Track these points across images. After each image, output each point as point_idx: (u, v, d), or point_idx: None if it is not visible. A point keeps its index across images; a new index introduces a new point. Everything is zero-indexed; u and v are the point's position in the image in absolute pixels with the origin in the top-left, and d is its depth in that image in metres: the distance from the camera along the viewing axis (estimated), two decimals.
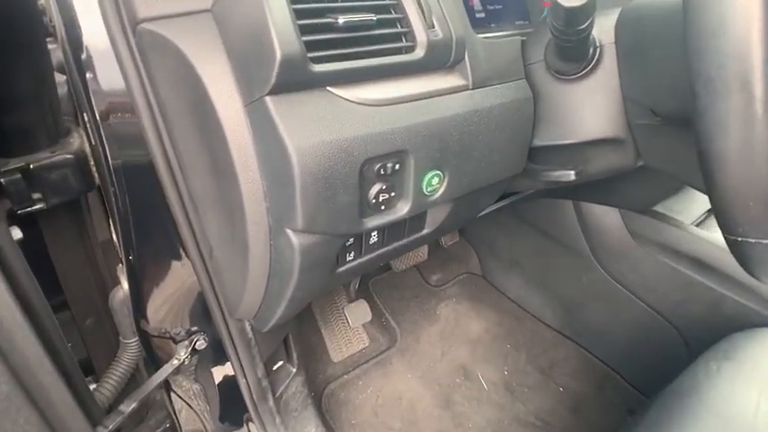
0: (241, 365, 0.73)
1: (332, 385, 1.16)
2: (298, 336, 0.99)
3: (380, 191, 0.50)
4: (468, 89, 0.57)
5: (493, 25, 0.76)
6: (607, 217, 1.10)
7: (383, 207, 0.52)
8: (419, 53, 0.52)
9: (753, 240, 0.48)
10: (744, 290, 0.92)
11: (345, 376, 1.18)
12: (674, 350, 1.05)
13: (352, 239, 0.56)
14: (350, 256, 0.57)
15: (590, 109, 0.62)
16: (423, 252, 1.43)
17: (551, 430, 1.11)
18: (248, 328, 0.70)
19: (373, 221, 0.51)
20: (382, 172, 0.49)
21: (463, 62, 0.56)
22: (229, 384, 0.78)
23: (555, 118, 0.64)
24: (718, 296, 0.95)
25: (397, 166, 0.50)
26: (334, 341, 1.21)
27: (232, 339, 0.69)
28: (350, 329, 1.26)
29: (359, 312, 1.19)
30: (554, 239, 1.26)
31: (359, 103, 0.48)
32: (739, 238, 0.48)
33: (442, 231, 0.73)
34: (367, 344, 1.25)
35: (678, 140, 0.54)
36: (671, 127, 0.56)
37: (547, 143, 0.66)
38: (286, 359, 0.91)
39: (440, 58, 0.54)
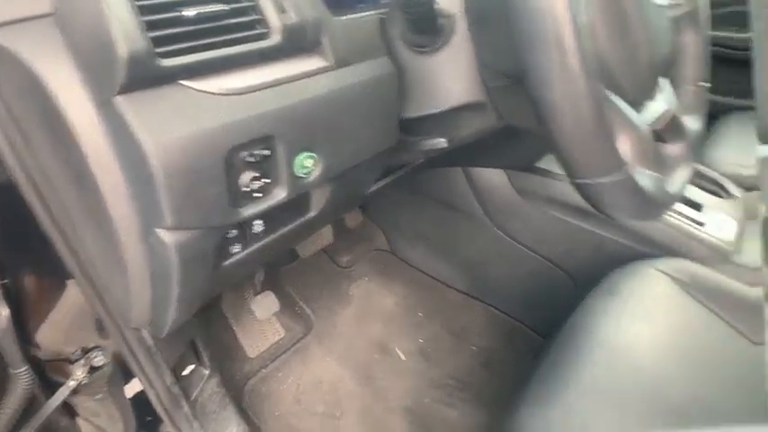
0: (146, 375, 0.71)
1: (252, 381, 1.15)
2: (208, 337, 0.97)
3: (253, 179, 0.50)
4: (330, 70, 0.58)
5: (361, 6, 0.77)
6: (494, 179, 1.16)
7: (259, 194, 0.52)
8: (275, 38, 0.53)
9: (591, 181, 0.54)
10: (619, 229, 1.00)
11: (264, 370, 1.18)
12: (567, 294, 1.09)
13: (235, 231, 0.56)
14: (235, 249, 0.57)
15: (450, 77, 0.66)
16: (328, 235, 1.44)
17: (465, 387, 1.19)
18: (147, 336, 0.68)
19: (249, 210, 0.52)
20: (251, 159, 0.49)
21: (323, 44, 0.58)
22: (141, 397, 0.76)
23: (420, 90, 0.68)
24: (599, 239, 1.03)
25: (266, 152, 0.51)
26: (248, 337, 1.20)
27: (132, 350, 0.67)
28: (264, 323, 1.25)
29: (265, 304, 1.19)
30: (451, 207, 1.31)
31: (216, 94, 0.47)
32: (581, 181, 0.54)
33: (332, 212, 0.75)
34: (282, 335, 1.25)
35: (526, 97, 0.58)
36: (519, 86, 0.61)
37: (416, 114, 0.70)
38: (197, 362, 0.89)
39: (297, 42, 0.55)
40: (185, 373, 0.84)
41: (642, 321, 0.75)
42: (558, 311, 0.84)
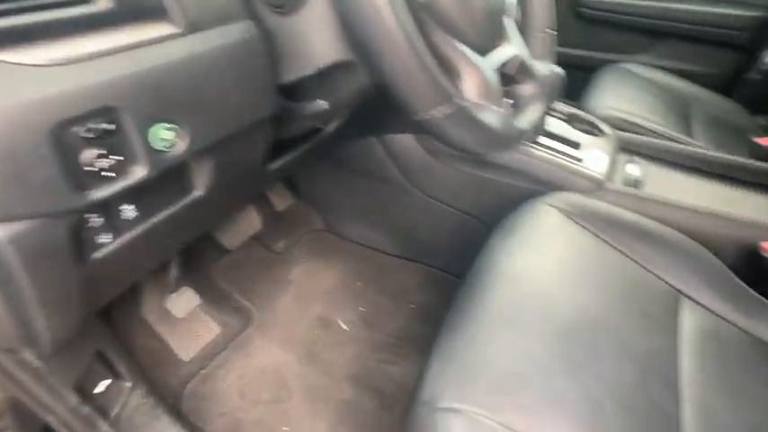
0: (41, 402, 0.65)
1: (191, 384, 1.11)
2: (127, 346, 0.92)
3: (98, 156, 0.46)
4: (179, 36, 0.54)
5: None
6: (407, 143, 1.19)
7: (111, 174, 0.48)
8: (103, 4, 0.48)
9: (425, 115, 0.55)
10: (515, 174, 1.07)
11: (203, 371, 1.13)
12: (482, 238, 1.17)
13: (98, 218, 0.52)
14: (104, 239, 0.53)
15: (315, 37, 0.63)
16: (255, 222, 1.40)
17: (406, 344, 1.20)
18: (30, 358, 0.62)
19: (101, 192, 0.47)
20: (89, 135, 0.45)
21: (167, 9, 0.53)
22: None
23: (289, 53, 0.65)
24: (499, 185, 1.10)
25: (109, 126, 0.47)
26: (178, 340, 1.15)
27: (13, 377, 0.61)
28: (196, 322, 1.20)
29: (183, 301, 1.14)
30: (375, 176, 1.31)
31: (36, 66, 0.43)
32: (417, 117, 0.55)
33: (228, 191, 0.71)
34: (218, 331, 1.21)
35: None
36: None
37: (292, 78, 0.67)
38: (113, 376, 0.84)
39: (133, 7, 0.51)
40: (99, 390, 0.79)
41: (536, 251, 0.80)
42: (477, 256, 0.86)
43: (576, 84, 1.86)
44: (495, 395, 0.60)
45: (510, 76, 0.75)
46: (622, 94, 1.62)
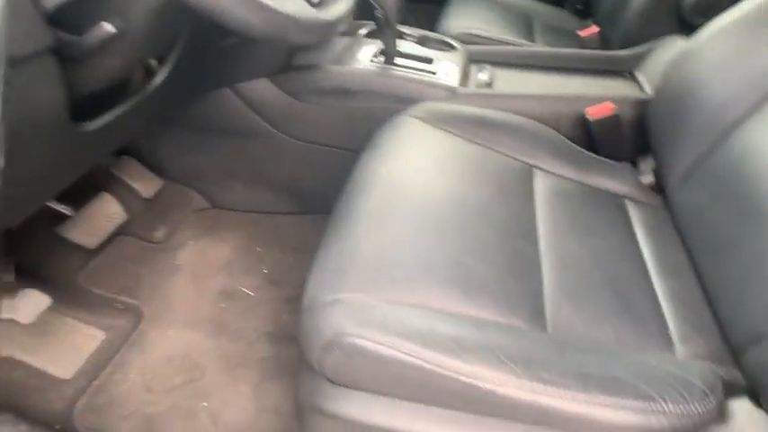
0: None
1: (81, 401, 0.94)
2: None
3: None
4: None
5: None
6: (265, 90, 1.16)
7: None
8: None
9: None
10: (373, 96, 1.11)
11: (95, 382, 0.97)
12: None
13: None
14: None
15: None
16: (114, 214, 1.25)
17: None
18: None
19: None
20: None
21: None
22: None
23: None
24: (365, 110, 1.12)
25: None
26: (49, 359, 0.97)
27: None
28: (73, 335, 1.03)
29: (29, 304, 0.98)
30: (241, 133, 1.24)
31: None
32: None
33: (28, 160, 0.59)
34: (103, 337, 1.04)
35: None
36: None
37: (57, 2, 0.56)
38: None
39: None
40: None
41: (403, 157, 0.85)
42: None
43: (431, 13, 1.94)
44: (369, 278, 0.61)
45: None
46: (472, 15, 1.76)
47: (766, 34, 0.78)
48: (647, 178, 0.94)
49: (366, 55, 1.18)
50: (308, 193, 1.34)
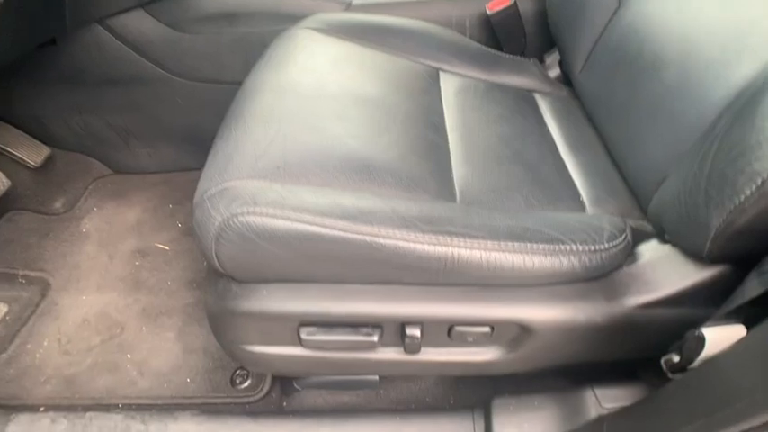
0: None
1: None
2: None
3: None
4: None
5: None
6: (141, 25, 1.07)
7: None
8: None
9: None
10: (264, 18, 1.06)
11: (3, 355, 0.92)
12: None
13: None
14: None
15: None
16: None
17: None
18: None
19: None
20: None
21: None
22: None
23: None
24: (257, 36, 1.05)
25: None
26: None
27: None
28: None
29: None
30: (123, 78, 1.15)
31: None
32: None
33: None
34: (6, 309, 0.99)
35: None
36: None
37: None
38: None
39: None
40: None
41: (299, 65, 0.80)
42: None
43: None
44: (261, 166, 0.58)
45: None
46: None
47: None
48: (554, 71, 0.98)
49: None
50: (209, 136, 1.28)
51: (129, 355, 0.92)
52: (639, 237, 0.61)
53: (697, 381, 0.49)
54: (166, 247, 1.13)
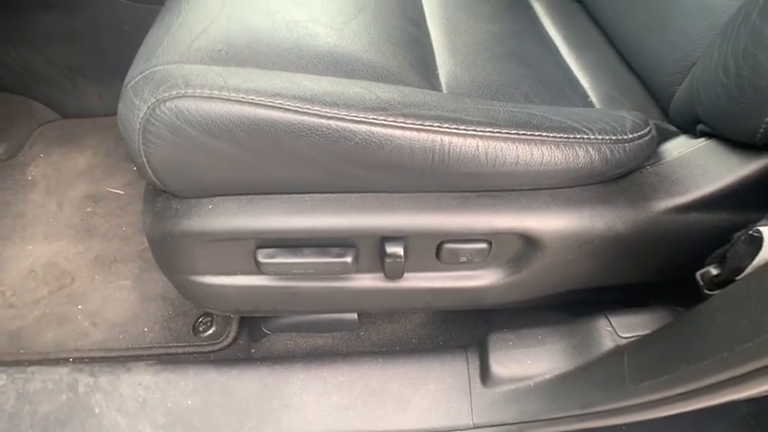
0: None
1: None
2: None
3: None
4: None
5: None
6: None
7: None
8: None
9: None
10: None
11: None
12: None
13: None
14: None
15: None
16: None
17: None
18: None
19: None
20: None
21: None
22: None
23: None
24: None
25: None
26: None
27: None
28: None
29: None
30: (59, 7, 1.01)
31: None
32: None
33: None
34: None
35: None
36: None
37: None
38: None
39: None
40: None
41: None
42: None
43: None
44: (193, 48, 0.46)
45: None
46: None
47: None
48: None
49: None
50: None
51: (80, 306, 0.81)
52: (664, 135, 0.51)
53: (746, 293, 0.39)
54: (121, 192, 1.01)
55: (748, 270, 0.40)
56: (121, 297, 0.82)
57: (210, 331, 0.75)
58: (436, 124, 0.40)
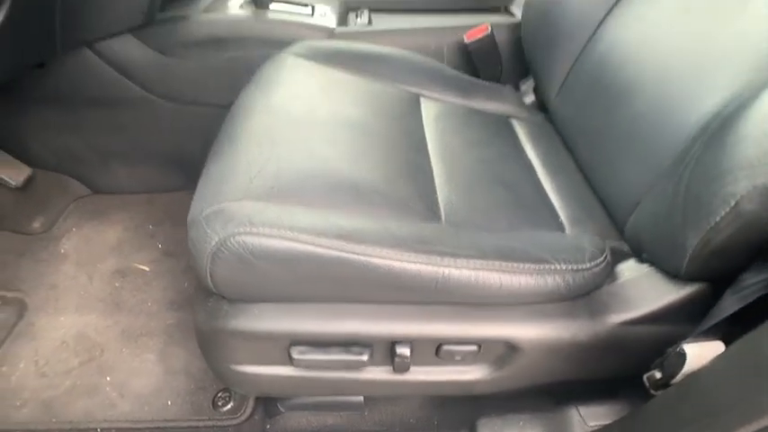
0: None
1: None
2: None
3: None
4: None
5: None
6: (129, 49, 1.08)
7: None
8: None
9: None
10: (254, 42, 1.08)
11: None
12: None
13: None
14: None
15: None
16: None
17: None
18: None
19: None
20: None
21: None
22: None
23: None
24: (244, 59, 1.06)
25: None
26: None
27: None
28: None
29: None
30: (109, 100, 1.15)
31: None
32: None
33: None
34: None
35: None
36: None
37: None
38: None
39: None
40: None
41: (287, 88, 0.82)
42: None
43: None
44: (255, 186, 0.59)
45: None
46: None
47: None
48: (529, 98, 1.02)
49: (236, 1, 1.15)
50: (194, 162, 1.27)
51: (108, 378, 0.90)
52: (618, 257, 0.64)
53: (679, 396, 0.50)
54: (146, 268, 1.11)
55: (679, 377, 0.51)
56: (147, 370, 0.91)
57: (229, 406, 0.84)
58: (438, 259, 0.53)
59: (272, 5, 1.13)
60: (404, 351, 0.58)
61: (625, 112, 0.71)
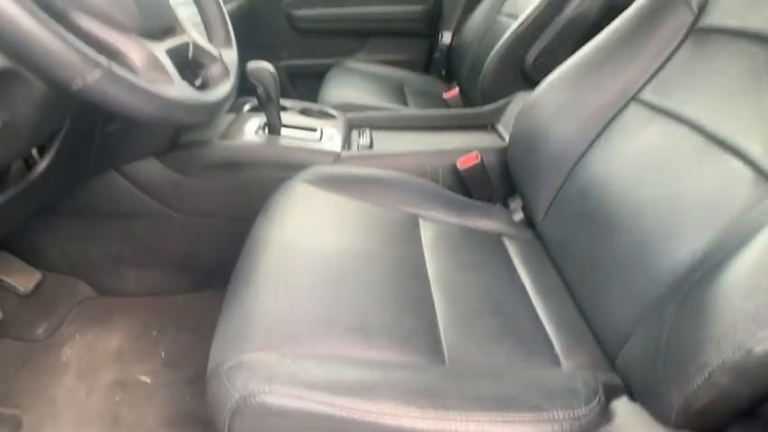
0: None
1: None
2: None
3: None
4: None
5: None
6: (151, 170, 1.16)
7: None
8: None
9: (80, 84, 0.54)
10: (263, 166, 1.16)
11: None
12: None
13: None
14: None
15: None
16: None
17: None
18: None
19: None
20: None
21: None
22: None
23: None
24: (258, 180, 1.14)
25: None
26: None
27: None
28: None
29: None
30: (128, 215, 1.22)
31: None
32: (72, 88, 0.54)
33: None
34: None
35: None
36: None
37: None
38: None
39: None
40: None
41: (295, 220, 0.88)
42: None
43: (311, 87, 2.06)
44: (272, 336, 0.64)
45: (198, 63, 0.83)
46: (348, 86, 1.91)
47: (589, 79, 0.94)
48: (518, 216, 1.07)
49: (252, 128, 1.24)
50: (202, 268, 1.31)
51: None
52: (611, 392, 0.65)
53: None
54: (148, 380, 1.11)
55: None
56: None
57: None
58: (445, 414, 0.55)
59: (284, 131, 1.22)
60: None
61: (607, 247, 0.74)
